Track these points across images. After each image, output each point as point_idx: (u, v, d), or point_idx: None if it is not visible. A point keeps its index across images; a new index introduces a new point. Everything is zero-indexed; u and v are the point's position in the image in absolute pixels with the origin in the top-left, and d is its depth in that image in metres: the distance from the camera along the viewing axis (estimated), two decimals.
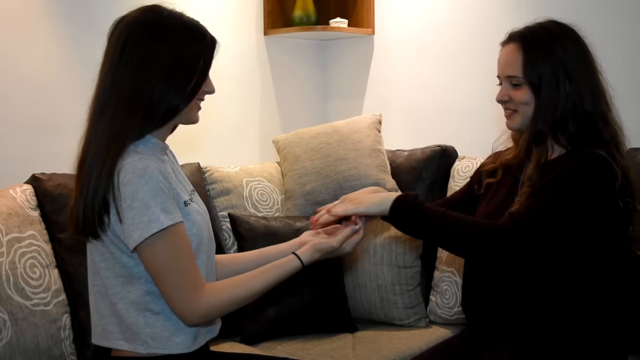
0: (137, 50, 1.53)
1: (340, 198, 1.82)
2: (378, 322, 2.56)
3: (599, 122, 1.72)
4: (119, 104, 1.53)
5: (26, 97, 2.39)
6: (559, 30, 1.76)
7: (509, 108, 1.80)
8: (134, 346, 1.56)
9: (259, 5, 3.12)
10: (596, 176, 1.64)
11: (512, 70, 1.75)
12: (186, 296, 1.52)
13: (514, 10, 2.77)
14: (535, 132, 1.74)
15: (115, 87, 1.54)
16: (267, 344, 2.35)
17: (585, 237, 1.65)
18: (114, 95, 1.54)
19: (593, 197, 1.63)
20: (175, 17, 1.58)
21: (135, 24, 1.56)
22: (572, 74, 1.71)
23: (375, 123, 2.78)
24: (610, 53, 2.57)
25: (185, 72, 1.56)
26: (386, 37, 3.18)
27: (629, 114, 2.57)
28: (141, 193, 1.47)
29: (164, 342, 1.57)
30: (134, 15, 1.58)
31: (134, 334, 1.56)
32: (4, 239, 2.00)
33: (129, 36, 1.54)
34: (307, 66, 3.36)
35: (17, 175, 2.26)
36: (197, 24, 1.61)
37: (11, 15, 2.34)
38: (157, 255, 1.50)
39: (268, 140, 3.09)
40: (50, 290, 2.06)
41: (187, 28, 1.58)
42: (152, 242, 1.48)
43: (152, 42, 1.54)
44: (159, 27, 1.55)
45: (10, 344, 1.91)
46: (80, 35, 2.51)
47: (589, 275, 1.68)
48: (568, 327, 1.69)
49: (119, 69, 1.54)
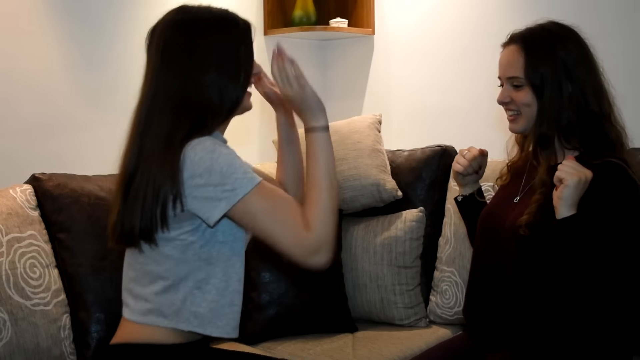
0: (178, 52, 1.54)
1: None
2: (378, 322, 2.55)
3: (605, 123, 1.71)
4: (166, 110, 1.52)
5: (26, 97, 2.39)
6: (560, 32, 1.76)
7: (511, 110, 1.79)
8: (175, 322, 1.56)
9: (259, 5, 3.11)
10: (621, 192, 1.62)
11: (514, 72, 1.75)
12: (299, 240, 1.49)
13: (514, 11, 2.77)
14: (540, 135, 1.73)
15: (161, 94, 1.54)
16: (267, 344, 2.35)
17: (620, 251, 1.63)
18: (162, 102, 1.53)
19: (626, 215, 1.62)
20: (205, 12, 1.59)
21: (169, 27, 1.57)
22: (574, 75, 1.70)
23: (375, 123, 2.78)
24: (612, 53, 2.57)
25: (231, 63, 1.56)
26: (386, 37, 3.18)
27: (631, 114, 2.58)
28: (217, 165, 1.47)
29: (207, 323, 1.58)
30: (165, 19, 1.59)
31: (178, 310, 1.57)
32: (4, 239, 2.00)
33: (167, 41, 1.55)
34: (307, 66, 3.32)
35: (17, 175, 2.26)
36: (226, 12, 1.61)
37: (11, 15, 2.34)
38: (256, 213, 1.49)
39: (268, 140, 3.08)
40: (50, 290, 2.06)
41: (220, 19, 1.58)
42: (243, 205, 1.48)
43: (190, 41, 1.54)
44: (193, 25, 1.56)
45: (10, 344, 1.91)
46: (80, 35, 2.51)
47: (598, 280, 1.66)
48: (571, 330, 1.68)
49: (161, 75, 1.54)
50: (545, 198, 1.68)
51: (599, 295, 1.66)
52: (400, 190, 2.66)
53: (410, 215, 2.61)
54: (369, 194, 2.63)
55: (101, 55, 2.57)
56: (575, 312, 1.68)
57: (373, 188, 2.62)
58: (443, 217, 2.63)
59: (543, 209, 1.68)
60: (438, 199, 2.68)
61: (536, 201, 1.70)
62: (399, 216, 2.62)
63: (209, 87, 1.53)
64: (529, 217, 1.68)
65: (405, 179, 2.72)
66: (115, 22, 2.58)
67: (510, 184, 1.88)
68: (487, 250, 1.82)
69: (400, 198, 2.66)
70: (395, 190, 2.64)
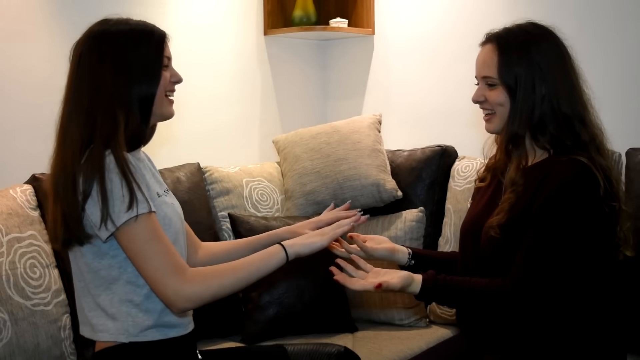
0: (90, 61, 1.57)
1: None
2: (378, 322, 2.55)
3: (577, 124, 1.71)
4: (79, 119, 1.56)
5: (26, 97, 2.39)
6: (537, 32, 1.76)
7: (486, 109, 1.80)
8: (116, 335, 1.59)
9: (259, 5, 3.11)
10: (580, 191, 1.64)
11: (488, 71, 1.75)
12: (168, 278, 1.53)
13: (515, 11, 2.76)
14: (511, 134, 1.74)
15: (75, 103, 1.58)
16: (267, 344, 2.35)
17: (580, 249, 1.65)
18: (75, 111, 1.57)
19: (582, 214, 1.63)
20: (122, 22, 1.62)
21: (86, 39, 1.60)
22: (549, 76, 1.70)
23: (375, 123, 2.79)
24: (612, 54, 2.58)
25: (143, 71, 1.58)
26: (386, 37, 3.18)
27: (629, 114, 2.58)
28: (108, 184, 1.50)
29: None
30: (86, 32, 1.63)
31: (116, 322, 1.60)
32: (4, 239, 2.00)
33: (82, 51, 1.59)
34: (307, 66, 3.36)
35: (17, 175, 2.26)
36: (143, 23, 1.64)
37: (11, 15, 2.34)
38: (132, 239, 1.52)
39: (268, 140, 3.09)
40: (50, 291, 2.06)
41: (134, 30, 1.61)
42: (125, 228, 1.51)
43: (101, 49, 1.57)
44: (107, 35, 1.59)
45: (10, 344, 1.91)
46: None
47: (583, 280, 1.67)
48: (564, 331, 1.68)
49: (75, 84, 1.58)
50: (516, 197, 1.70)
51: (574, 297, 1.66)
52: (400, 190, 2.66)
53: (410, 215, 2.61)
54: (369, 194, 2.63)
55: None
56: (562, 314, 1.68)
57: (373, 188, 2.62)
58: (443, 217, 2.63)
59: (512, 208, 1.70)
60: (438, 199, 2.68)
61: (507, 200, 1.72)
62: (399, 216, 2.62)
63: (119, 93, 1.56)
64: (500, 217, 1.70)
65: (405, 179, 2.72)
66: None
67: (491, 186, 1.88)
68: (472, 258, 1.82)
69: (400, 198, 2.67)
70: (395, 190, 2.64)
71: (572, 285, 1.66)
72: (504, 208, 1.71)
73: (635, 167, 2.31)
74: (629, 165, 2.34)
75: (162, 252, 1.54)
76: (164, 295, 1.55)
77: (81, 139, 1.55)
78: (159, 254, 1.53)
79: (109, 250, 1.58)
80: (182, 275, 1.54)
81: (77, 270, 1.63)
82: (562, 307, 1.68)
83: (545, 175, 1.67)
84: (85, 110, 1.56)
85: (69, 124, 1.58)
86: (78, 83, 1.58)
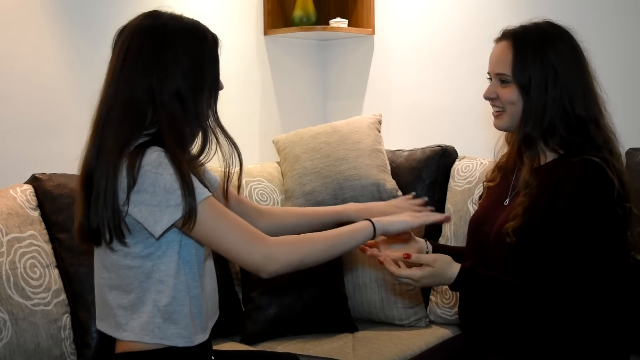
0: (141, 57, 1.52)
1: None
2: (378, 322, 2.55)
3: (592, 127, 1.70)
4: (124, 114, 1.51)
5: (26, 97, 2.39)
6: (553, 32, 1.74)
7: (496, 106, 1.79)
8: (140, 336, 1.54)
9: (259, 5, 3.12)
10: (597, 190, 1.62)
11: (502, 68, 1.74)
12: (252, 245, 1.52)
13: (515, 11, 2.77)
14: (525, 136, 1.72)
15: (121, 98, 1.52)
16: (267, 344, 2.35)
17: (594, 249, 1.63)
18: (120, 105, 1.51)
19: (603, 213, 1.62)
20: (176, 20, 1.57)
21: (136, 32, 1.54)
22: (563, 77, 1.69)
23: (375, 123, 2.78)
24: (612, 54, 2.58)
25: (197, 77, 1.55)
26: (386, 37, 3.18)
27: (629, 114, 2.58)
28: (162, 180, 1.46)
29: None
30: (134, 23, 1.56)
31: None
32: (4, 239, 2.00)
33: (131, 45, 1.53)
34: (307, 66, 3.36)
35: (17, 175, 2.26)
36: (197, 24, 1.60)
37: (11, 15, 2.34)
38: (203, 223, 1.49)
39: (268, 140, 3.09)
40: (51, 290, 2.06)
41: (189, 29, 1.57)
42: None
43: (155, 48, 1.52)
44: (161, 33, 1.54)
45: (11, 344, 1.91)
46: (80, 35, 2.51)
47: (591, 282, 1.66)
48: (569, 332, 1.68)
49: (121, 78, 1.52)
50: (529, 200, 1.69)
51: (583, 296, 1.65)
52: (400, 190, 2.66)
53: None
54: (369, 194, 2.63)
55: (101, 55, 2.56)
56: (565, 318, 1.67)
57: (373, 188, 2.62)
58: None
59: (527, 211, 1.68)
60: (438, 199, 2.68)
61: (520, 204, 1.70)
62: None
63: (171, 98, 1.52)
64: (515, 222, 1.68)
65: (405, 179, 2.72)
66: (116, 22, 2.57)
67: (499, 184, 1.87)
68: (476, 257, 1.81)
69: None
70: (395, 190, 2.64)
71: (576, 285, 1.65)
72: (518, 212, 1.69)
73: (635, 167, 2.32)
74: (629, 165, 2.33)
75: (236, 224, 1.53)
76: (251, 262, 1.53)
77: (130, 132, 1.50)
78: (234, 227, 1.52)
79: (143, 249, 1.53)
80: (265, 240, 1.54)
81: (103, 266, 1.57)
82: (567, 308, 1.67)
83: (561, 178, 1.66)
84: (132, 106, 1.51)
85: (111, 115, 1.52)
86: (125, 76, 1.52)
